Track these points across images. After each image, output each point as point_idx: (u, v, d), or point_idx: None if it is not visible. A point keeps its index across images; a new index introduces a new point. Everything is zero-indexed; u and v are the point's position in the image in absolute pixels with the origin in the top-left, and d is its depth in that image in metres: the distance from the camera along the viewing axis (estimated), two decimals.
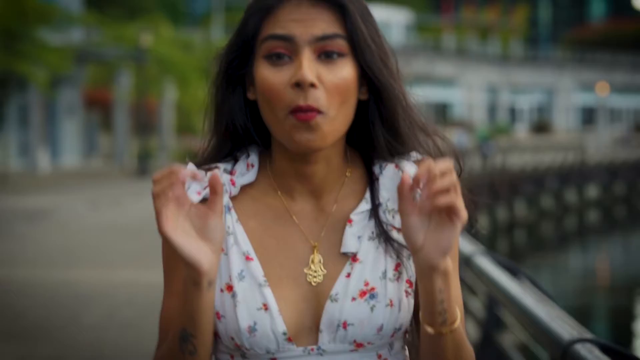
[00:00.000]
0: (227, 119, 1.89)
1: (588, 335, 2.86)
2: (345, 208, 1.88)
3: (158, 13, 43.24)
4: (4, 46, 28.03)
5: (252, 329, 1.81)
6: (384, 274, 1.84)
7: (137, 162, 32.65)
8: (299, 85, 1.76)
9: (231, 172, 1.89)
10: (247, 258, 1.84)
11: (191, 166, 1.83)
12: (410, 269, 1.86)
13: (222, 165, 1.89)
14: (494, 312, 5.35)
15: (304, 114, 1.76)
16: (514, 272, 4.30)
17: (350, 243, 1.85)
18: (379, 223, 1.86)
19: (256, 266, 1.84)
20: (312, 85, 1.76)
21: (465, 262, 4.87)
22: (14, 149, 31.80)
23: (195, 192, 1.82)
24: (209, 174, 1.80)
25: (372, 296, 1.83)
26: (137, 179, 29.89)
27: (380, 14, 62.67)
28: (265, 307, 1.81)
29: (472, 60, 63.94)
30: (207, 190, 1.79)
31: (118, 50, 33.60)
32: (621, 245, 30.62)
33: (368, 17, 1.84)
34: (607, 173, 38.84)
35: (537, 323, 3.29)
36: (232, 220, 1.86)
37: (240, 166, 1.90)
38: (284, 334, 1.81)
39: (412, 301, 1.86)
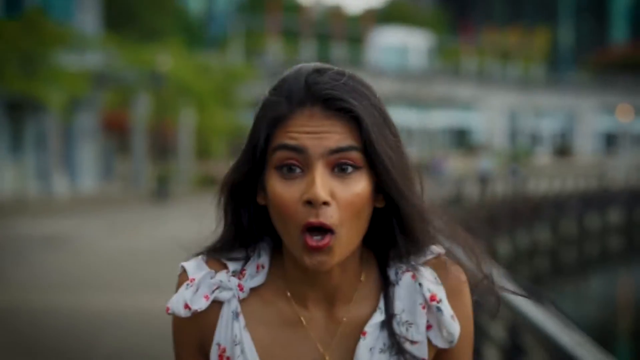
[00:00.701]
0: (235, 223, 1.83)
1: None
2: (358, 315, 1.82)
3: (176, 36, 43.44)
4: (20, 70, 28.12)
5: None
6: None
7: (154, 187, 32.65)
8: (311, 203, 1.67)
9: (241, 272, 1.82)
10: None
11: (201, 259, 1.83)
12: None
13: (231, 267, 1.83)
14: (516, 338, 5.34)
15: (316, 242, 1.68)
16: (536, 297, 4.29)
17: (363, 357, 1.79)
18: (392, 335, 1.80)
19: None
20: (325, 202, 1.67)
21: None
22: (32, 174, 31.88)
23: (202, 295, 1.79)
24: (218, 274, 1.79)
25: None
26: (154, 203, 29.89)
27: (400, 37, 62.96)
28: None
29: (492, 84, 64.01)
30: (217, 292, 1.79)
31: (135, 74, 33.68)
32: None
33: (385, 125, 1.75)
34: (629, 198, 38.81)
35: (560, 350, 3.26)
36: (239, 327, 1.80)
37: (251, 267, 1.83)
38: None
39: None
